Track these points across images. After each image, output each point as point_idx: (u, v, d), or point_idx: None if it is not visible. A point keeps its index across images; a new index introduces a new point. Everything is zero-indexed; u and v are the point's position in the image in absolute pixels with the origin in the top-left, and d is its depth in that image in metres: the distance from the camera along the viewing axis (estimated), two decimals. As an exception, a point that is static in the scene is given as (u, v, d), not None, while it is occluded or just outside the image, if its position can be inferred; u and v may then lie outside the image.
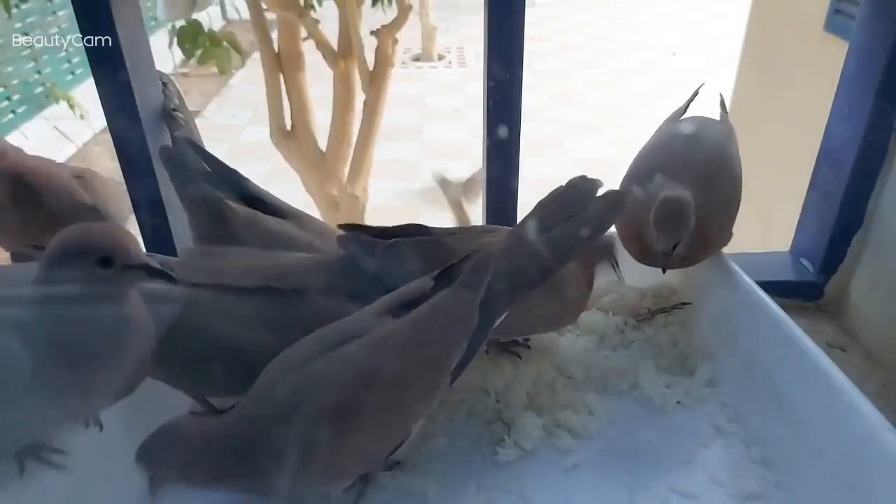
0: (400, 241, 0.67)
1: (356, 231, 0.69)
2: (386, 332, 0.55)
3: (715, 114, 0.85)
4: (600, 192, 0.66)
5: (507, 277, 0.60)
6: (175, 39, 2.00)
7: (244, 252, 0.71)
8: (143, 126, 0.84)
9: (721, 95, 0.88)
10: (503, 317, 0.61)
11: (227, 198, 0.75)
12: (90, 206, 0.85)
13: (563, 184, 0.67)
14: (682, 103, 0.87)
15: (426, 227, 0.70)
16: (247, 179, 0.79)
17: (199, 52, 2.03)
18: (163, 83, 0.89)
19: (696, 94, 0.87)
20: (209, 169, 0.79)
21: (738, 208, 0.76)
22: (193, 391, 0.68)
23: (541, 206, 0.67)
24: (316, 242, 0.75)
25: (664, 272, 0.74)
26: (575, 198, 0.66)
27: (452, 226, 0.74)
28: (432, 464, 0.65)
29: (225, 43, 2.07)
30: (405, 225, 0.70)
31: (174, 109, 0.88)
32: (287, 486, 0.52)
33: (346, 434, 0.53)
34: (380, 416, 0.55)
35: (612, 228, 0.73)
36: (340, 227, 0.70)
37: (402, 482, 0.63)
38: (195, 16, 2.01)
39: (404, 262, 0.66)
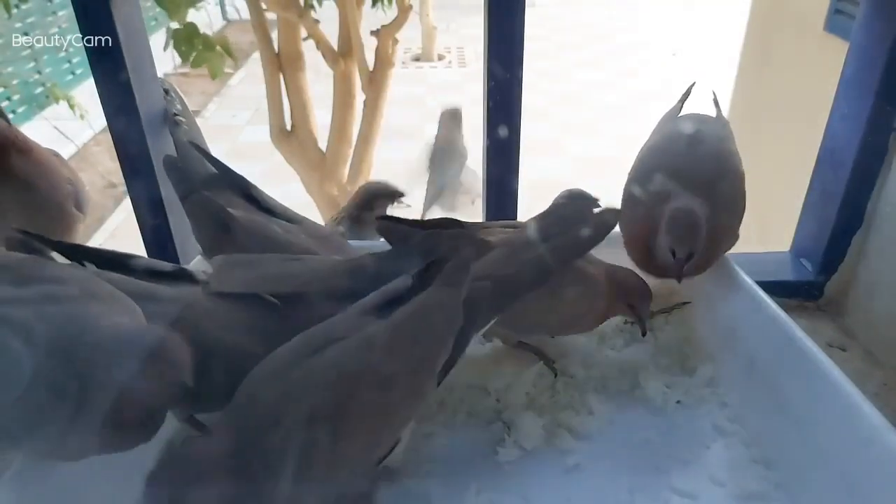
0: (437, 232, 0.68)
1: (393, 221, 0.70)
2: (370, 333, 0.53)
3: (710, 111, 0.85)
4: (597, 210, 0.69)
5: (496, 281, 0.60)
6: (171, 42, 2.00)
7: (275, 259, 0.70)
8: (143, 126, 0.84)
9: (714, 94, 0.88)
10: (490, 323, 0.61)
11: (231, 200, 0.74)
12: (69, 179, 0.82)
13: (564, 196, 0.71)
14: (676, 101, 0.87)
15: (460, 222, 0.72)
16: (252, 185, 0.79)
17: (194, 55, 2.03)
18: (165, 90, 0.89)
19: (689, 92, 0.87)
20: (215, 171, 0.79)
21: (743, 208, 0.77)
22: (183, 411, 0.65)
23: (541, 217, 0.70)
24: (319, 249, 0.74)
25: (679, 282, 0.74)
26: (574, 212, 0.69)
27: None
28: (433, 464, 0.65)
29: (218, 47, 2.07)
30: (440, 219, 0.72)
31: (176, 114, 0.87)
32: (280, 499, 0.50)
33: (333, 441, 0.51)
34: (367, 420, 0.52)
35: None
36: (378, 218, 0.71)
37: (403, 482, 0.63)
38: (193, 17, 2.01)
39: (438, 253, 0.65)
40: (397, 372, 0.53)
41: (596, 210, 0.71)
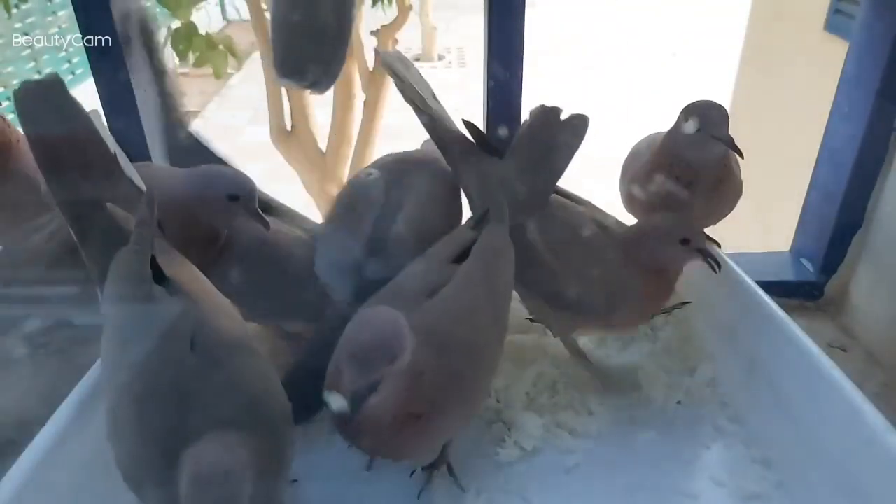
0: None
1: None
2: (467, 273, 0.60)
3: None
4: (563, 117, 0.72)
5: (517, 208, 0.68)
6: (169, 41, 2.00)
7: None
8: (143, 126, 0.84)
9: None
10: None
11: None
12: None
13: (528, 118, 0.74)
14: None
15: None
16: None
17: (196, 55, 2.02)
18: None
19: None
20: None
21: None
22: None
23: (516, 145, 0.74)
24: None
25: (737, 153, 0.71)
26: (543, 127, 0.72)
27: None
28: (433, 464, 0.65)
29: (221, 46, 2.06)
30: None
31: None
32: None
33: (477, 374, 0.57)
34: (493, 349, 0.60)
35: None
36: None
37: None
38: (193, 17, 2.00)
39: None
40: (497, 303, 0.61)
41: (563, 117, 0.72)
